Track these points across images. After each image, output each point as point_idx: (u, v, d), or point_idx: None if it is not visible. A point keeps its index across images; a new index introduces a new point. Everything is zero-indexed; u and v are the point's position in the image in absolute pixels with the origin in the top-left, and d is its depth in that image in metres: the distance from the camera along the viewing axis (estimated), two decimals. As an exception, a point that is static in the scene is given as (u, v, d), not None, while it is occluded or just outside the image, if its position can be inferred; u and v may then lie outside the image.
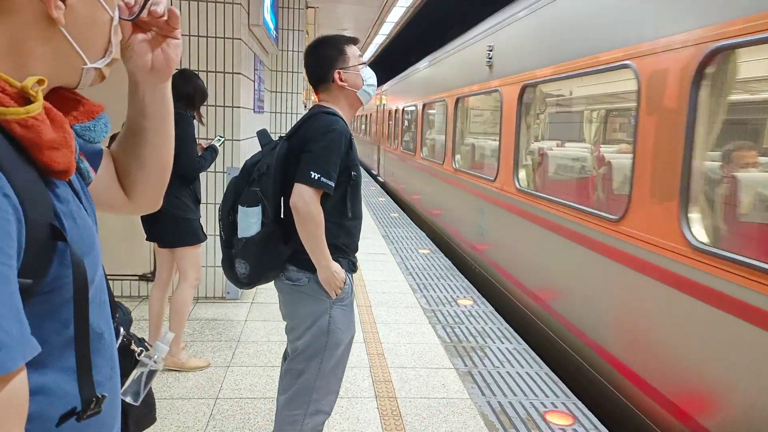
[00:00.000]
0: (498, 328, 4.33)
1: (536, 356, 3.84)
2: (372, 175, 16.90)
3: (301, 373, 2.15)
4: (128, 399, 0.99)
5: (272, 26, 5.67)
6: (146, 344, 1.05)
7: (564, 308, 3.93)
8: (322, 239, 2.05)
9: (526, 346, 4.01)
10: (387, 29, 11.61)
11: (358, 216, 2.20)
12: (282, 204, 2.16)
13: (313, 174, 2.00)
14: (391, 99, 13.46)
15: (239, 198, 2.15)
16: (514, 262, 4.94)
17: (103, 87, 0.91)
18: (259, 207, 2.09)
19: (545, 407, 3.14)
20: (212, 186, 4.52)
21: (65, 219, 0.72)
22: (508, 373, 3.54)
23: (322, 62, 2.19)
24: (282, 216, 2.16)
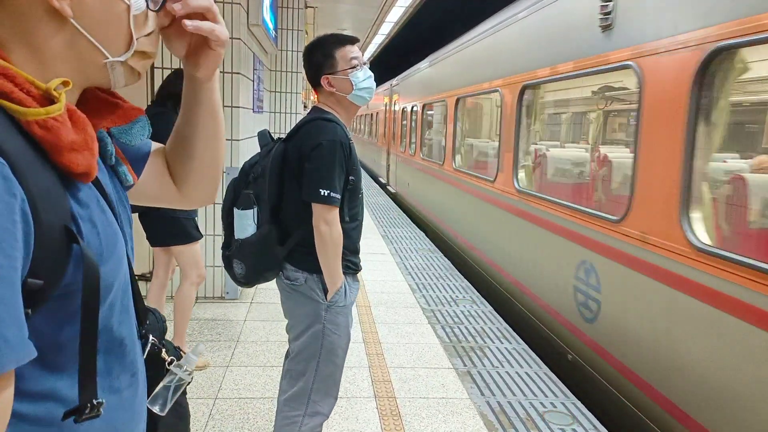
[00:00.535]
0: (497, 328, 4.33)
1: (535, 356, 3.84)
2: (380, 184, 14.66)
3: (300, 375, 2.16)
4: (155, 409, 0.97)
5: (271, 26, 5.66)
6: (180, 353, 1.03)
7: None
8: (339, 259, 2.09)
9: (525, 346, 4.01)
10: (386, 29, 11.62)
11: (356, 218, 2.21)
12: (279, 206, 2.16)
13: (323, 191, 2.00)
14: (405, 95, 11.20)
15: (237, 200, 2.17)
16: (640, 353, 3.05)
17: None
18: (254, 209, 2.11)
19: (544, 407, 3.14)
20: (211, 186, 4.52)
21: (83, 222, 0.71)
22: (508, 373, 3.54)
23: (311, 67, 2.20)
24: (278, 218, 2.17)
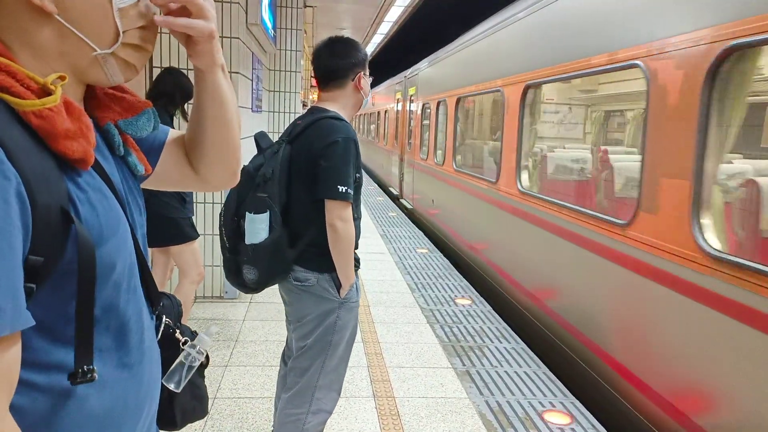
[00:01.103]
0: (496, 328, 4.33)
1: (534, 356, 3.84)
2: (392, 197, 12.13)
3: (305, 371, 2.16)
4: (171, 386, 1.04)
5: (270, 25, 5.66)
6: (194, 335, 1.10)
7: None
8: (352, 253, 2.10)
9: (525, 346, 4.01)
10: (385, 29, 11.61)
11: (359, 216, 2.22)
12: (287, 208, 2.15)
13: (340, 188, 2.01)
14: (429, 88, 8.82)
15: (242, 203, 2.12)
16: None
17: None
18: (268, 213, 2.06)
19: (543, 406, 3.14)
20: (210, 185, 4.51)
21: (81, 204, 0.77)
22: (506, 373, 3.54)
23: (348, 60, 2.18)
24: (285, 220, 2.16)
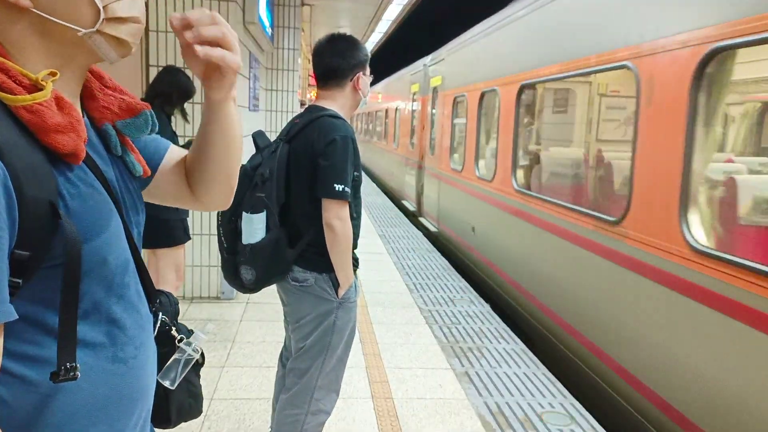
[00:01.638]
0: (495, 329, 4.32)
1: (533, 356, 3.83)
2: (408, 213, 9.83)
3: (305, 372, 2.15)
4: (166, 383, 1.05)
5: (267, 24, 5.63)
6: (190, 333, 1.12)
7: None
8: (350, 253, 2.09)
9: (524, 347, 3.99)
10: (384, 27, 11.57)
11: (359, 215, 2.20)
12: (286, 208, 2.13)
13: (338, 186, 2.00)
14: (462, 76, 6.59)
15: (240, 203, 2.10)
16: None
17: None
18: (265, 213, 2.06)
19: (542, 407, 3.12)
20: (207, 185, 4.49)
21: (71, 199, 0.77)
22: (506, 374, 3.53)
23: (349, 59, 2.16)
24: (285, 220, 2.14)
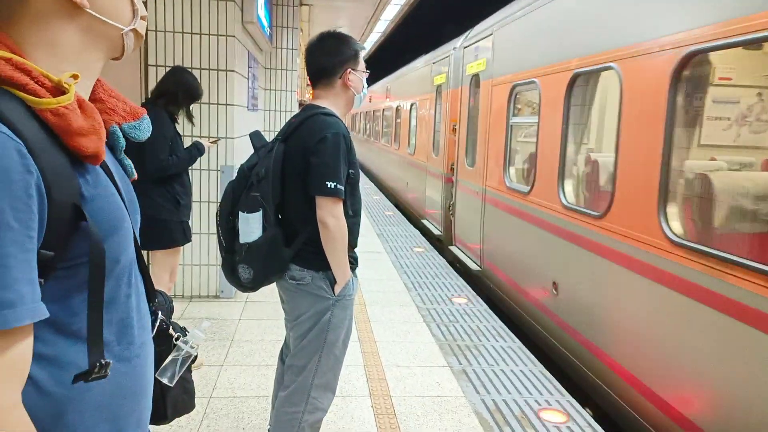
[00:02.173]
0: (492, 327, 4.34)
1: (530, 354, 3.85)
2: (426, 233, 8.00)
3: (302, 370, 2.16)
4: (164, 380, 1.07)
5: (266, 23, 5.64)
6: (185, 331, 1.14)
7: None
8: (346, 252, 2.10)
9: (521, 344, 4.01)
10: (382, 27, 11.58)
11: (358, 213, 2.21)
12: (282, 207, 2.15)
13: (330, 184, 2.00)
14: (528, 56, 4.71)
15: (237, 202, 2.13)
16: None
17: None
18: (260, 212, 2.07)
19: (539, 405, 3.14)
20: (205, 184, 4.50)
21: (91, 201, 0.79)
22: (503, 371, 3.55)
23: (335, 57, 2.15)
24: (281, 219, 2.16)
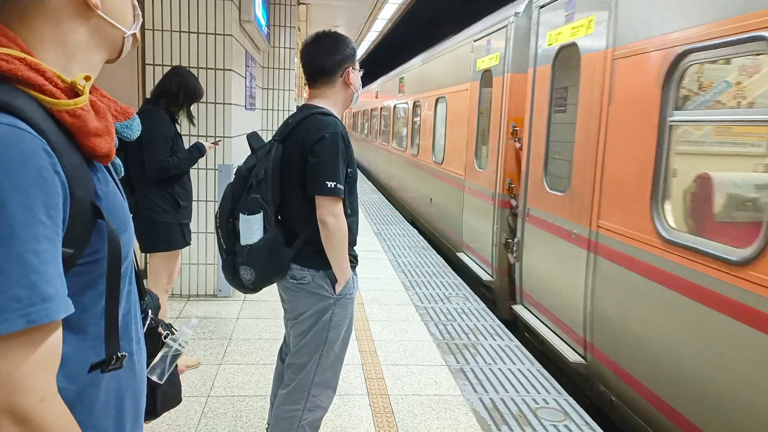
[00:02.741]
0: (490, 325, 4.34)
1: (528, 353, 3.86)
2: (462, 271, 6.11)
3: (302, 368, 2.17)
4: (154, 377, 1.08)
5: (263, 23, 5.64)
6: (173, 329, 1.16)
7: None
8: (347, 250, 2.10)
9: (518, 343, 4.02)
10: (379, 26, 11.58)
11: (356, 211, 2.22)
12: (282, 207, 2.15)
13: (329, 183, 2.01)
14: None
15: (237, 204, 2.13)
16: None
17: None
18: (261, 213, 2.07)
19: (537, 403, 3.15)
20: (203, 183, 4.50)
21: (105, 198, 0.82)
22: (500, 370, 3.56)
23: (335, 56, 2.15)
24: (281, 219, 2.16)
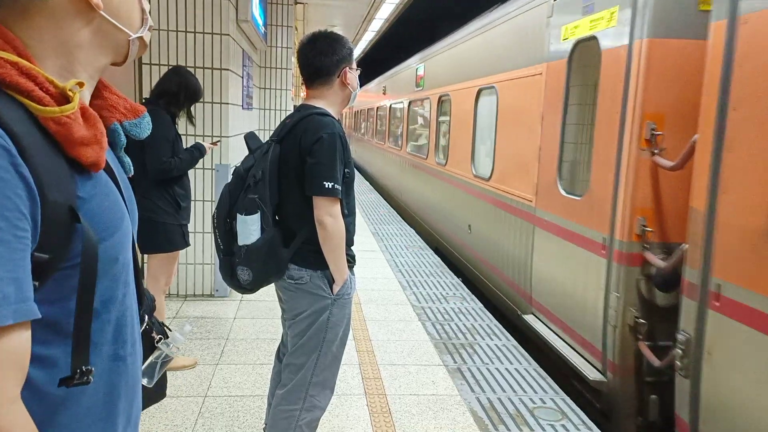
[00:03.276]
0: (487, 325, 4.35)
1: (525, 353, 3.86)
2: (528, 342, 4.31)
3: (300, 368, 2.16)
4: (144, 381, 1.06)
5: (261, 22, 5.63)
6: (167, 329, 1.15)
7: None
8: (344, 251, 2.10)
9: (515, 343, 4.03)
10: (377, 26, 11.58)
11: (353, 212, 2.22)
12: (279, 207, 2.15)
13: (327, 184, 2.01)
14: None
15: (235, 205, 2.13)
16: None
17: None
18: (259, 214, 2.07)
19: (534, 403, 3.15)
20: (200, 183, 4.49)
21: (89, 201, 0.80)
22: (497, 370, 3.56)
23: (333, 56, 2.15)
24: (279, 220, 2.16)
